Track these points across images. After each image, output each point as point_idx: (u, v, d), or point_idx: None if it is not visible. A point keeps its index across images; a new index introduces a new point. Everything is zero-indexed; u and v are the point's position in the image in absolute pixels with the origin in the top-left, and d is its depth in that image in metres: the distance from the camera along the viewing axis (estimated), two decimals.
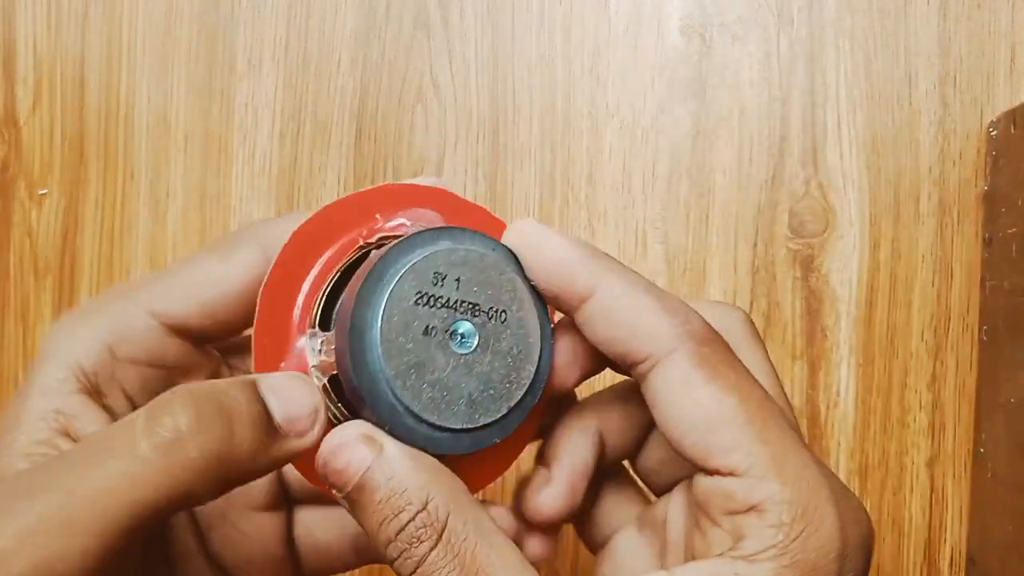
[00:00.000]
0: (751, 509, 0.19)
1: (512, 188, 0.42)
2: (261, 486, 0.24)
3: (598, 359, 0.22)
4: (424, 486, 0.18)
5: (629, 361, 0.20)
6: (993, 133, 0.38)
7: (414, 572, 0.18)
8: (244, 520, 0.24)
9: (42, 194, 0.46)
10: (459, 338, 0.21)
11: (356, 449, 0.18)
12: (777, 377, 0.22)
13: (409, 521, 0.18)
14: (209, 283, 0.21)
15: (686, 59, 0.41)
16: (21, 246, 0.46)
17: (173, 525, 0.23)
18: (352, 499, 0.19)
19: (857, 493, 0.39)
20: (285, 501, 0.25)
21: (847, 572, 0.19)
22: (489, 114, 0.42)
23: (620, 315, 0.20)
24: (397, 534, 0.18)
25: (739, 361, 0.20)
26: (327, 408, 0.20)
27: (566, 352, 0.22)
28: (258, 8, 0.44)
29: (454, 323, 0.20)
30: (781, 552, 0.18)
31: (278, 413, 0.18)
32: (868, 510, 0.39)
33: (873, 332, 0.39)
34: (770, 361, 0.22)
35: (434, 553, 0.18)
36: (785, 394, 0.22)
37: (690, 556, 0.21)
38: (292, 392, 0.19)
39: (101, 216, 0.45)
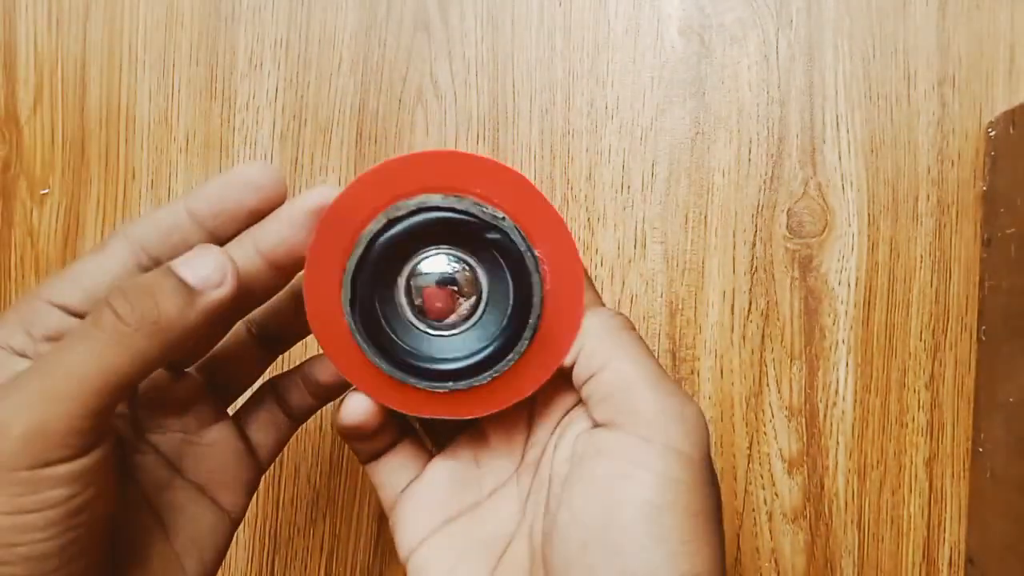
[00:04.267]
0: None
1: None
2: (205, 407, 0.30)
3: None
4: None
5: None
6: (992, 133, 0.38)
7: None
8: (205, 437, 0.30)
9: (43, 194, 0.46)
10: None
11: None
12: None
13: None
14: (87, 272, 0.26)
15: (685, 60, 0.41)
16: (22, 246, 0.46)
17: (143, 466, 0.28)
18: None
19: (855, 492, 0.40)
20: (228, 415, 0.31)
21: (710, 441, 0.25)
22: (489, 114, 0.42)
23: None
24: None
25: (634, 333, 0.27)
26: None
27: None
28: (258, 8, 0.44)
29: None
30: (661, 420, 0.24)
31: (191, 278, 0.23)
32: (867, 509, 0.39)
33: (871, 332, 0.40)
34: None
35: None
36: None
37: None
38: (200, 261, 0.24)
39: (102, 216, 0.45)
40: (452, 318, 0.26)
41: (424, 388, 0.26)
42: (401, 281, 0.26)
